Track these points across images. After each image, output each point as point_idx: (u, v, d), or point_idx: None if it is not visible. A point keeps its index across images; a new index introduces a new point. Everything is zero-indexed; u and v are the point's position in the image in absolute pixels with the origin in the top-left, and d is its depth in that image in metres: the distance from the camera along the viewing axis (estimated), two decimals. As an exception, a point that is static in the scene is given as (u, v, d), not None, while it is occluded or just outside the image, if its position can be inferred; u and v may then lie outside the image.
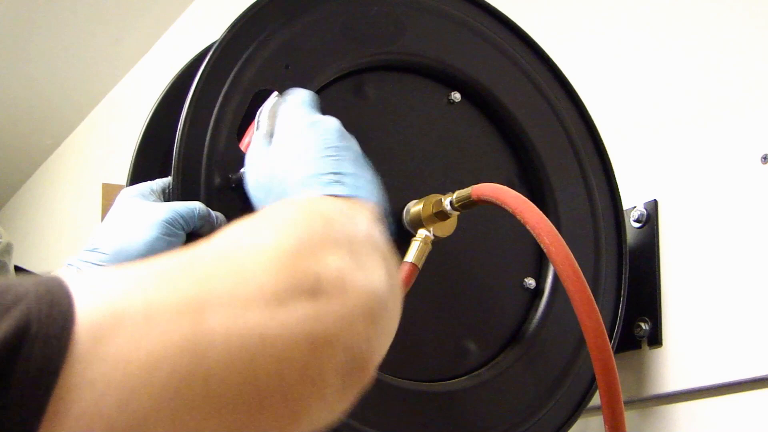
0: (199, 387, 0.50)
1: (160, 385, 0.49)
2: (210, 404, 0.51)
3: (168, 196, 0.91)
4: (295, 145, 0.78)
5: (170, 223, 0.87)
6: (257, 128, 0.91)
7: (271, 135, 0.83)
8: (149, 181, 0.93)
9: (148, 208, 0.89)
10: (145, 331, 0.50)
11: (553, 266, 0.98)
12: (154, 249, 0.86)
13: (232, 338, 0.51)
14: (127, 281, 0.53)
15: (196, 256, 0.56)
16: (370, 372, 0.59)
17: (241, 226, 0.60)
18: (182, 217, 0.87)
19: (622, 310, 1.09)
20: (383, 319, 0.60)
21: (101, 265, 0.86)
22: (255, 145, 0.83)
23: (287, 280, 0.54)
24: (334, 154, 0.77)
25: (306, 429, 0.56)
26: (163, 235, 0.87)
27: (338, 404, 0.58)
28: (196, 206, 0.88)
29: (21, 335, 0.47)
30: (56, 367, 0.47)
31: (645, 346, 1.11)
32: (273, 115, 0.91)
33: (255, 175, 0.81)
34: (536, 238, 0.91)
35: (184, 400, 0.50)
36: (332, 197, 0.71)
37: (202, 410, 0.51)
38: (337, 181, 0.73)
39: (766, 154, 1.04)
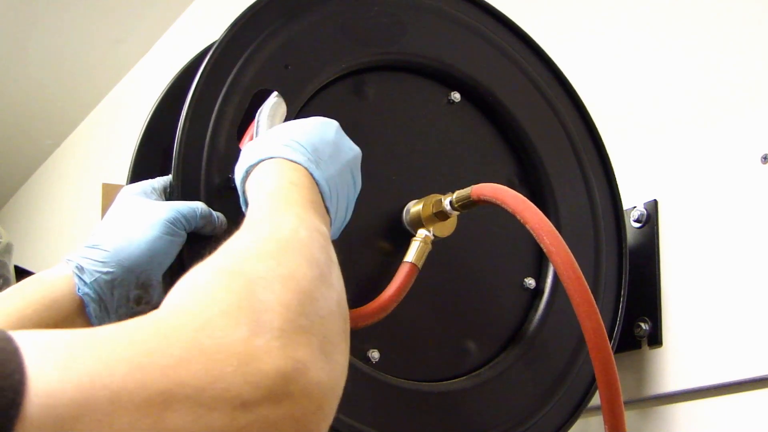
0: None
1: None
2: None
3: (169, 194, 0.91)
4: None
5: (172, 223, 0.87)
6: (257, 128, 0.91)
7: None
8: (151, 180, 0.93)
9: (150, 207, 0.88)
10: (107, 428, 0.48)
11: (553, 266, 0.98)
12: (155, 248, 0.86)
13: None
14: (94, 353, 0.50)
15: (169, 327, 0.54)
16: None
17: (214, 291, 0.57)
18: (184, 216, 0.87)
19: (622, 310, 1.09)
20: (333, 410, 0.59)
21: (103, 262, 0.86)
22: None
23: (255, 383, 0.53)
24: (310, 130, 0.79)
25: None
26: (165, 234, 0.86)
27: None
28: (198, 206, 0.88)
29: None
30: None
31: (645, 346, 1.11)
32: (273, 115, 0.92)
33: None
34: (536, 238, 0.91)
35: None
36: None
37: None
38: (290, 147, 0.75)
39: (766, 154, 1.04)
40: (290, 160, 0.79)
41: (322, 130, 0.83)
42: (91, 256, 0.86)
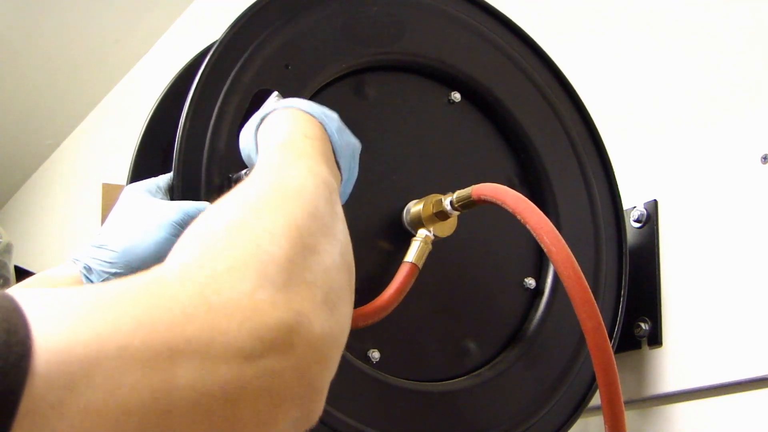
0: None
1: None
2: None
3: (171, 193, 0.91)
4: None
5: (180, 225, 0.86)
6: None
7: None
8: (155, 178, 0.93)
9: (157, 207, 0.88)
10: (116, 383, 0.48)
11: (554, 266, 0.98)
12: (163, 250, 0.85)
13: (197, 396, 0.51)
14: (99, 312, 0.51)
15: (175, 281, 0.54)
16: (317, 418, 0.58)
17: (220, 246, 0.58)
18: (191, 217, 0.86)
19: (622, 310, 1.09)
20: (337, 361, 0.59)
21: (111, 263, 0.85)
22: None
23: (260, 336, 0.53)
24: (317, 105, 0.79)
25: None
26: (173, 236, 0.86)
27: None
28: (204, 206, 0.87)
29: None
30: (14, 400, 0.46)
31: (645, 346, 1.11)
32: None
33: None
34: (536, 238, 0.91)
35: None
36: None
37: None
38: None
39: (766, 154, 1.04)
40: (304, 111, 0.79)
41: (325, 109, 0.84)
42: (98, 257, 0.86)
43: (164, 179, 0.93)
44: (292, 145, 0.75)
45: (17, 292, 0.50)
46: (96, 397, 0.48)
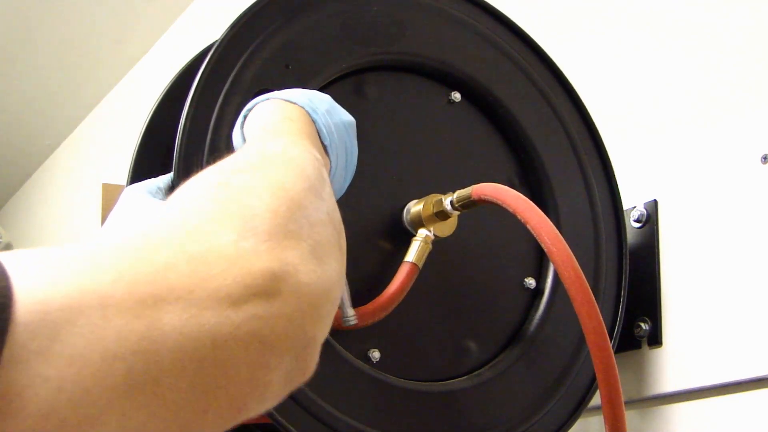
0: (150, 388, 0.50)
1: (113, 385, 0.49)
2: (158, 404, 0.50)
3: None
4: None
5: None
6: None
7: None
8: (155, 178, 0.93)
9: (156, 208, 0.88)
10: (101, 330, 0.49)
11: (554, 266, 0.98)
12: None
13: (185, 341, 0.51)
14: (78, 265, 0.51)
15: (156, 235, 0.55)
16: (311, 371, 0.59)
17: (202, 203, 0.58)
18: None
19: (622, 310, 1.09)
20: (329, 314, 0.60)
21: None
22: None
23: (244, 282, 0.53)
24: (305, 91, 0.80)
25: (237, 423, 0.55)
26: None
27: (275, 401, 0.57)
28: None
29: None
30: None
31: (645, 346, 1.11)
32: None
33: None
34: (537, 238, 0.91)
35: (134, 400, 0.49)
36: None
37: (150, 409, 0.50)
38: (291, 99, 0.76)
39: (766, 154, 1.04)
40: (287, 100, 0.80)
41: (316, 93, 0.84)
42: None
43: (164, 179, 0.93)
44: (273, 126, 0.75)
45: None
46: (80, 344, 0.48)
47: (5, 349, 0.46)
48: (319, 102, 0.82)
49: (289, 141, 0.71)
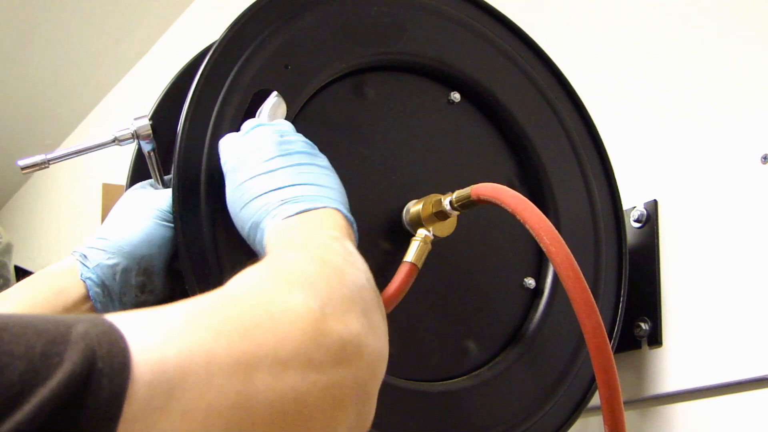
0: None
1: None
2: None
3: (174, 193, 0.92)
4: (236, 168, 0.84)
5: (167, 210, 0.90)
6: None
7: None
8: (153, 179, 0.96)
9: (148, 196, 0.92)
10: (206, 387, 0.54)
11: (553, 266, 0.98)
12: (151, 234, 0.90)
13: (274, 398, 0.56)
14: (183, 328, 0.56)
15: (237, 301, 0.60)
16: (370, 423, 0.66)
17: (262, 276, 0.65)
18: None
19: (622, 310, 1.09)
20: (382, 374, 0.67)
21: (104, 250, 0.89)
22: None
23: (318, 345, 0.60)
24: (277, 167, 0.82)
25: None
26: (160, 220, 0.90)
27: None
28: None
29: (89, 369, 0.49)
30: (120, 403, 0.50)
31: (645, 346, 1.11)
32: (273, 115, 0.92)
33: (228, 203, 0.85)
34: (536, 238, 0.91)
35: None
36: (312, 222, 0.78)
37: None
38: (296, 200, 0.80)
39: (766, 154, 1.04)
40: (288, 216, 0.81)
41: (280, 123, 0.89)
42: (94, 245, 0.90)
43: (165, 179, 0.95)
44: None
45: (109, 316, 0.54)
46: (191, 401, 0.53)
47: (126, 404, 0.50)
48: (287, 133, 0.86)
49: (311, 232, 0.77)
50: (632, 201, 1.15)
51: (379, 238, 0.98)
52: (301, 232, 0.77)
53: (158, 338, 0.54)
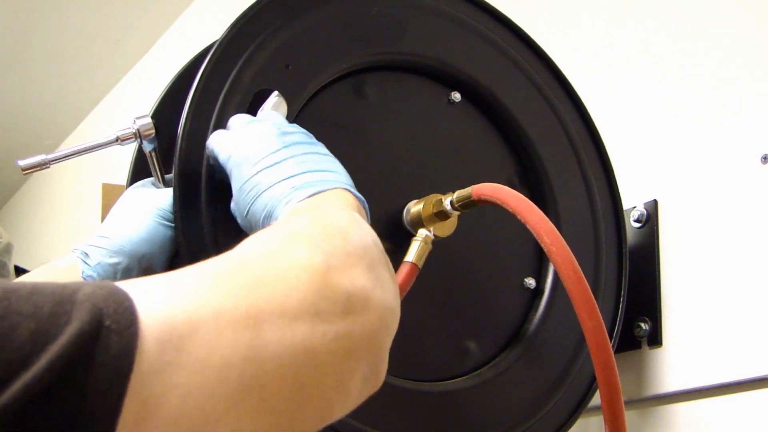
0: (258, 393, 0.55)
1: (230, 391, 0.54)
2: (264, 408, 0.56)
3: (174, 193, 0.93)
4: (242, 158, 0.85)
5: (168, 210, 0.90)
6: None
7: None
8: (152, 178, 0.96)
9: (149, 195, 0.93)
10: (217, 340, 0.54)
11: (554, 266, 0.98)
12: (152, 233, 0.90)
13: (284, 350, 0.57)
14: (189, 287, 0.57)
15: (243, 260, 0.61)
16: (383, 376, 0.66)
17: (268, 237, 0.66)
18: None
19: (622, 310, 1.09)
20: (393, 328, 0.67)
21: (106, 248, 0.90)
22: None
23: (324, 297, 0.60)
24: (282, 158, 0.83)
25: (323, 426, 0.62)
26: (161, 219, 0.90)
27: (354, 405, 0.65)
28: None
29: (97, 326, 0.50)
30: (131, 359, 0.50)
31: (645, 346, 1.11)
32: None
33: (234, 204, 0.85)
34: (536, 238, 0.91)
35: (246, 404, 0.55)
36: (323, 199, 0.79)
37: (257, 413, 0.56)
38: (308, 183, 0.80)
39: (766, 154, 1.04)
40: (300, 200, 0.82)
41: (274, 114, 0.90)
42: (95, 243, 0.91)
43: (165, 179, 0.95)
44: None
45: (115, 282, 0.55)
46: (202, 353, 0.53)
47: (137, 359, 0.51)
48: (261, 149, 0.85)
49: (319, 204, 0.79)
50: (632, 201, 1.15)
51: (379, 237, 0.98)
52: (311, 208, 0.78)
53: (165, 296, 0.54)
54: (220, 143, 0.87)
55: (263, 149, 0.84)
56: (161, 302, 0.54)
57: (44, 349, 0.48)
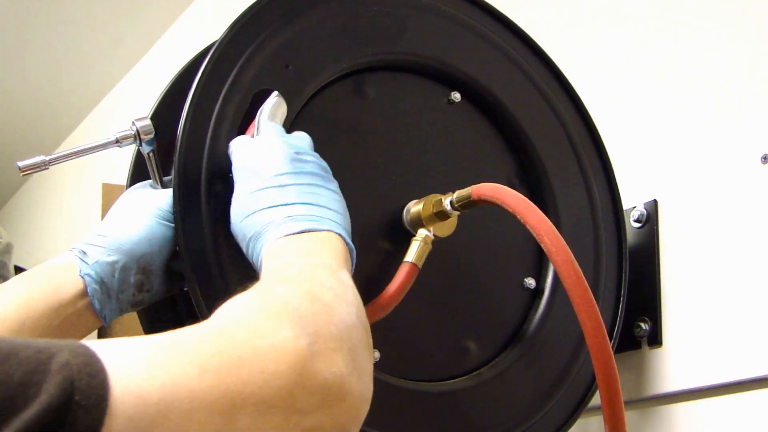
0: None
1: None
2: None
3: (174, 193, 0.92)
4: (244, 176, 0.85)
5: (168, 210, 0.90)
6: (257, 128, 0.91)
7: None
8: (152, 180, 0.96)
9: (149, 195, 0.92)
10: (187, 424, 0.53)
11: (554, 266, 0.98)
12: (151, 233, 0.90)
13: None
14: (167, 361, 0.55)
15: (226, 335, 0.59)
16: None
17: (255, 307, 0.65)
18: None
19: (622, 310, 1.09)
20: (363, 417, 0.66)
21: (104, 247, 0.89)
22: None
23: (302, 387, 0.59)
24: (288, 183, 0.82)
25: None
26: (160, 219, 0.90)
27: None
28: None
29: (66, 401, 0.49)
30: None
31: (645, 346, 1.11)
32: (273, 115, 0.92)
33: (233, 219, 0.85)
34: (536, 238, 0.91)
35: None
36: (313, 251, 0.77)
37: None
38: (291, 218, 0.79)
39: (766, 154, 1.04)
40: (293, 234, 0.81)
41: (295, 136, 0.89)
42: (94, 242, 0.90)
43: (164, 180, 0.95)
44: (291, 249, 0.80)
45: (90, 343, 0.54)
46: None
47: None
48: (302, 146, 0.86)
49: (306, 260, 0.76)
50: (632, 201, 1.15)
51: (379, 238, 0.98)
52: (297, 258, 0.76)
53: (141, 371, 0.53)
54: (237, 149, 0.88)
55: (272, 169, 0.83)
56: (137, 375, 0.53)
57: (9, 421, 0.47)
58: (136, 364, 0.54)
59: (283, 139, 0.87)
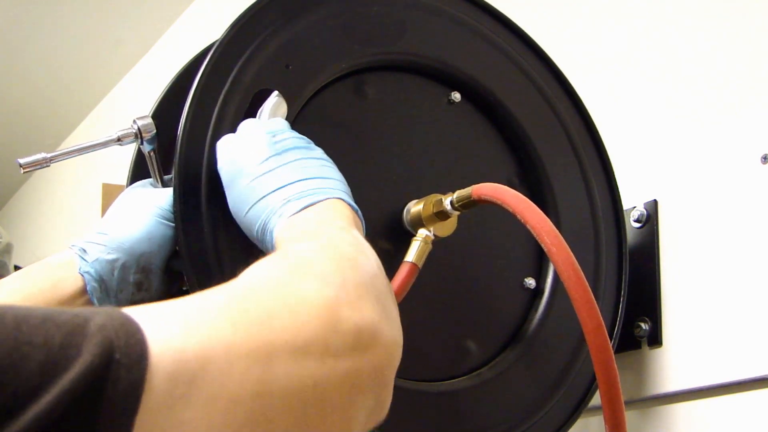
0: (264, 427, 0.56)
1: (238, 426, 0.54)
2: None
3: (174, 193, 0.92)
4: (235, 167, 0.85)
5: (168, 209, 0.90)
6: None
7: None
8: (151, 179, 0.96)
9: (149, 194, 0.92)
10: (228, 376, 0.54)
11: (554, 266, 0.98)
12: (152, 232, 0.90)
13: (293, 385, 0.57)
14: (201, 318, 0.56)
15: (253, 291, 0.61)
16: (387, 409, 0.66)
17: (276, 266, 0.66)
18: None
19: (622, 310, 1.09)
20: (398, 361, 0.67)
21: (104, 245, 0.89)
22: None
23: (335, 332, 0.60)
24: (275, 166, 0.83)
25: None
26: (160, 218, 0.90)
27: None
28: None
29: (107, 360, 0.50)
30: (138, 394, 0.50)
31: (645, 346, 1.11)
32: (274, 115, 0.92)
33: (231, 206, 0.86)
34: (537, 238, 0.91)
35: None
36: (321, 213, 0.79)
37: None
38: (303, 194, 0.80)
39: (766, 154, 1.04)
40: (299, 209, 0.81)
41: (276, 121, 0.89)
42: (94, 240, 0.90)
43: (164, 179, 0.95)
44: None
45: (126, 309, 0.55)
46: (212, 388, 0.53)
47: (144, 394, 0.50)
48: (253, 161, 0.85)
49: (318, 227, 0.78)
50: (632, 201, 1.15)
51: (379, 238, 0.98)
52: (309, 224, 0.77)
53: (177, 329, 0.54)
54: (220, 149, 0.88)
55: (255, 158, 0.84)
56: (173, 334, 0.54)
57: (54, 382, 0.48)
58: (172, 324, 0.55)
59: (257, 127, 0.88)
